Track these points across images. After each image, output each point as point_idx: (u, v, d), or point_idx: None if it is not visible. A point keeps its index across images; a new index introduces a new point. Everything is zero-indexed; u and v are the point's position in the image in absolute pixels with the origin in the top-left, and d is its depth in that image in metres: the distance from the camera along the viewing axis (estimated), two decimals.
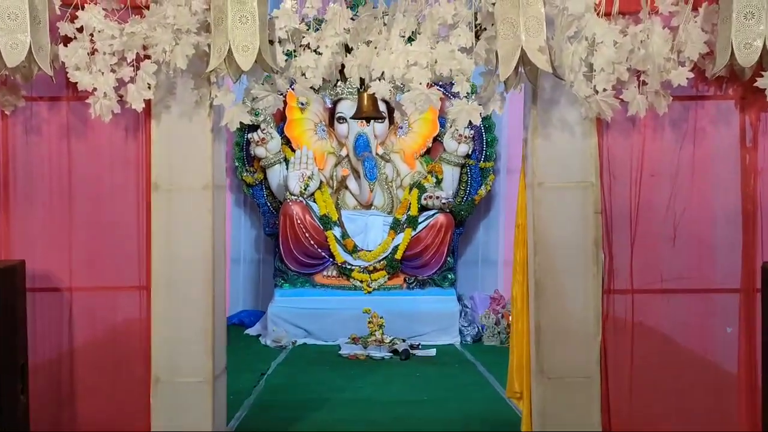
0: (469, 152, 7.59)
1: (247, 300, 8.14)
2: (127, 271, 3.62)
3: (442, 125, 7.61)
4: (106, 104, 3.39)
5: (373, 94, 3.41)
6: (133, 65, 3.38)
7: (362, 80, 3.45)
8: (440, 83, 7.95)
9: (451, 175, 7.55)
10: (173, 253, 3.59)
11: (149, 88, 3.42)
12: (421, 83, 3.28)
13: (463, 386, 5.43)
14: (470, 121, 7.04)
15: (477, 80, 3.43)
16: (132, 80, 3.40)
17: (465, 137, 7.49)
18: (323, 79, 3.42)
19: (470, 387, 5.41)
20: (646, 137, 3.60)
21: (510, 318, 7.05)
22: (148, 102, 3.49)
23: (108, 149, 3.59)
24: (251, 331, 7.34)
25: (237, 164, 7.75)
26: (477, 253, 8.21)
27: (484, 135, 7.72)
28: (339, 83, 7.43)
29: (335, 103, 7.48)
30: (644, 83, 3.39)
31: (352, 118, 3.88)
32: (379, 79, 3.34)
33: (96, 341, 3.61)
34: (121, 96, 3.43)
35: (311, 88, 3.44)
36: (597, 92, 3.36)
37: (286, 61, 3.43)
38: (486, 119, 7.68)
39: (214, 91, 3.49)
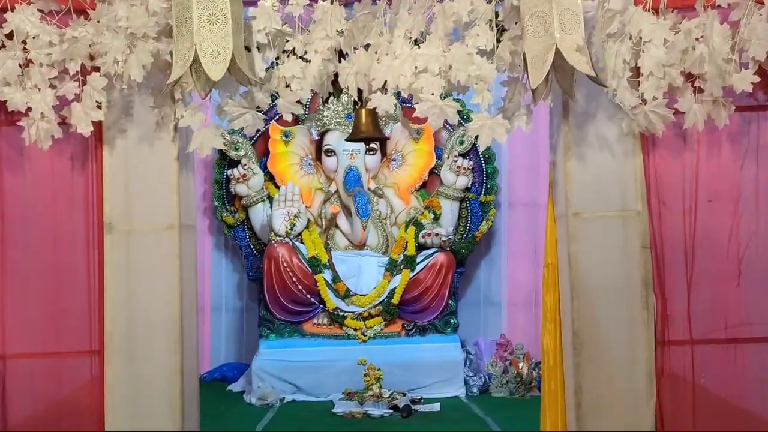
0: (469, 185, 6.99)
1: (230, 352, 7.43)
2: (75, 333, 2.99)
3: (439, 156, 7.03)
4: (45, 127, 2.77)
5: (374, 109, 2.80)
6: (77, 79, 2.77)
7: (360, 93, 2.84)
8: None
9: (450, 210, 6.93)
10: (132, 308, 2.96)
11: (99, 107, 2.80)
12: (433, 93, 2.67)
13: None
14: (468, 152, 6.41)
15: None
16: (77, 98, 2.79)
17: (464, 169, 6.90)
18: (312, 92, 2.81)
19: None
20: (701, 155, 3.01)
21: (519, 367, 6.46)
22: (98, 125, 2.88)
23: (49, 183, 2.97)
24: (234, 387, 6.64)
25: (216, 204, 7.13)
26: (479, 294, 7.56)
27: (484, 166, 7.13)
28: (326, 113, 6.89)
29: (322, 135, 6.88)
30: (700, 90, 2.81)
31: (348, 140, 3.26)
32: (381, 91, 2.73)
33: (36, 420, 2.95)
34: (63, 118, 2.81)
35: (298, 102, 2.81)
36: (644, 102, 2.78)
37: (266, 70, 2.81)
38: (486, 148, 7.12)
39: (179, 109, 2.88)
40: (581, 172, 2.99)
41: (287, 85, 2.79)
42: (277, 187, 6.82)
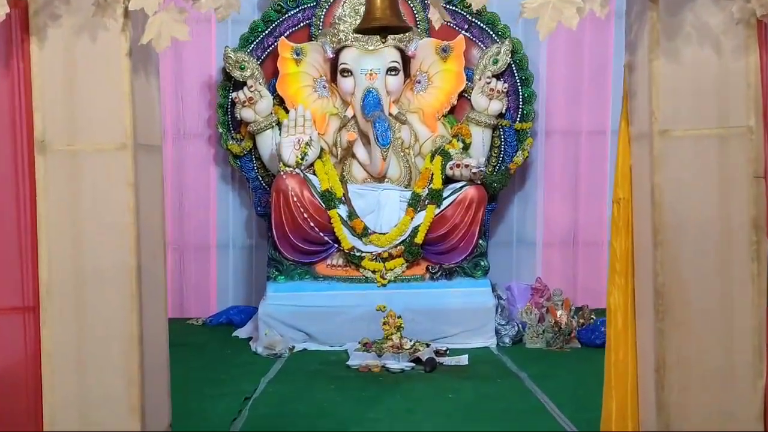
0: (503, 110, 6.22)
1: (238, 294, 6.84)
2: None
3: (469, 78, 6.24)
4: None
5: None
6: None
7: None
8: (465, 27, 6.59)
9: (481, 138, 6.18)
10: (75, 252, 2.27)
11: None
12: None
13: (511, 414, 4.09)
14: (502, 73, 5.56)
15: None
16: None
17: (498, 92, 6.12)
18: None
19: (522, 415, 4.08)
20: None
21: (557, 315, 5.74)
22: (22, 8, 2.14)
23: None
24: (240, 333, 6.04)
25: (221, 131, 6.44)
26: (511, 232, 6.89)
27: (520, 89, 6.36)
28: (341, 27, 6.07)
29: (338, 53, 6.09)
30: None
31: (357, 31, 2.50)
32: None
33: None
34: None
35: None
36: None
37: None
38: (522, 69, 6.33)
39: None
40: (673, 76, 2.22)
41: None
42: (288, 111, 6.08)
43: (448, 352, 5.32)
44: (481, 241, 5.93)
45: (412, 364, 5.01)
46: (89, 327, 2.27)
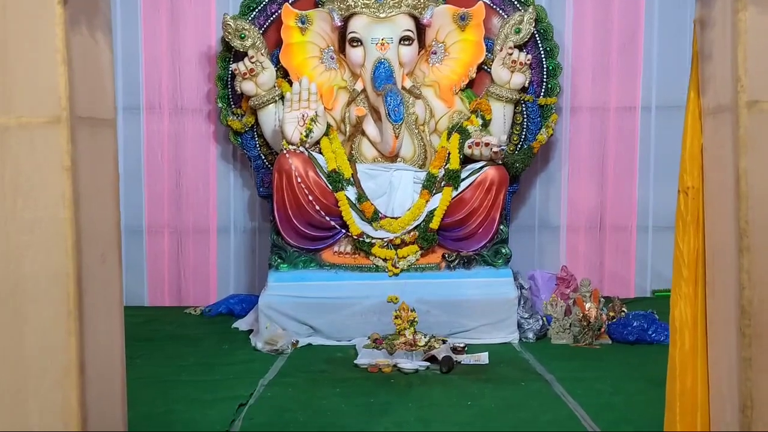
0: (526, 84, 5.71)
1: (240, 281, 6.40)
2: None
3: (490, 49, 5.73)
4: None
5: None
6: None
7: None
8: None
9: (502, 114, 5.68)
10: (3, 254, 1.79)
11: None
12: None
13: (539, 426, 3.63)
14: (525, 43, 5.03)
15: None
16: None
17: (521, 64, 5.62)
18: None
19: (551, 426, 3.63)
20: None
21: (586, 307, 5.18)
22: None
23: None
24: (240, 325, 5.58)
25: (221, 105, 5.97)
26: (533, 217, 6.42)
27: (544, 61, 5.85)
28: None
29: (347, 21, 5.57)
30: None
31: None
32: None
33: None
34: None
35: None
36: None
37: None
38: (547, 39, 5.81)
39: None
40: (765, 31, 1.70)
41: None
42: (292, 84, 5.59)
43: (466, 348, 4.86)
44: (502, 227, 5.45)
45: (427, 364, 4.55)
46: (16, 350, 1.80)
